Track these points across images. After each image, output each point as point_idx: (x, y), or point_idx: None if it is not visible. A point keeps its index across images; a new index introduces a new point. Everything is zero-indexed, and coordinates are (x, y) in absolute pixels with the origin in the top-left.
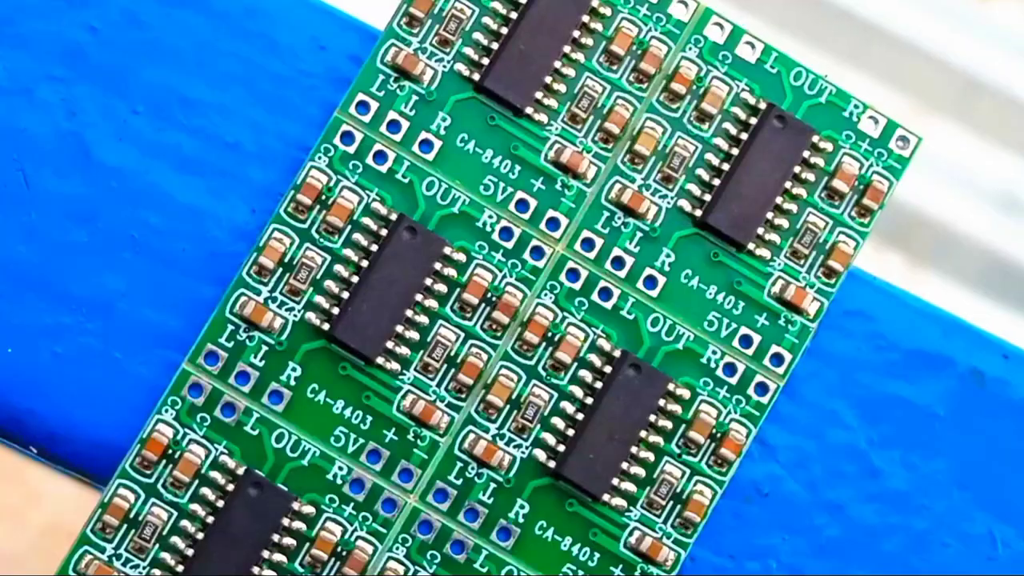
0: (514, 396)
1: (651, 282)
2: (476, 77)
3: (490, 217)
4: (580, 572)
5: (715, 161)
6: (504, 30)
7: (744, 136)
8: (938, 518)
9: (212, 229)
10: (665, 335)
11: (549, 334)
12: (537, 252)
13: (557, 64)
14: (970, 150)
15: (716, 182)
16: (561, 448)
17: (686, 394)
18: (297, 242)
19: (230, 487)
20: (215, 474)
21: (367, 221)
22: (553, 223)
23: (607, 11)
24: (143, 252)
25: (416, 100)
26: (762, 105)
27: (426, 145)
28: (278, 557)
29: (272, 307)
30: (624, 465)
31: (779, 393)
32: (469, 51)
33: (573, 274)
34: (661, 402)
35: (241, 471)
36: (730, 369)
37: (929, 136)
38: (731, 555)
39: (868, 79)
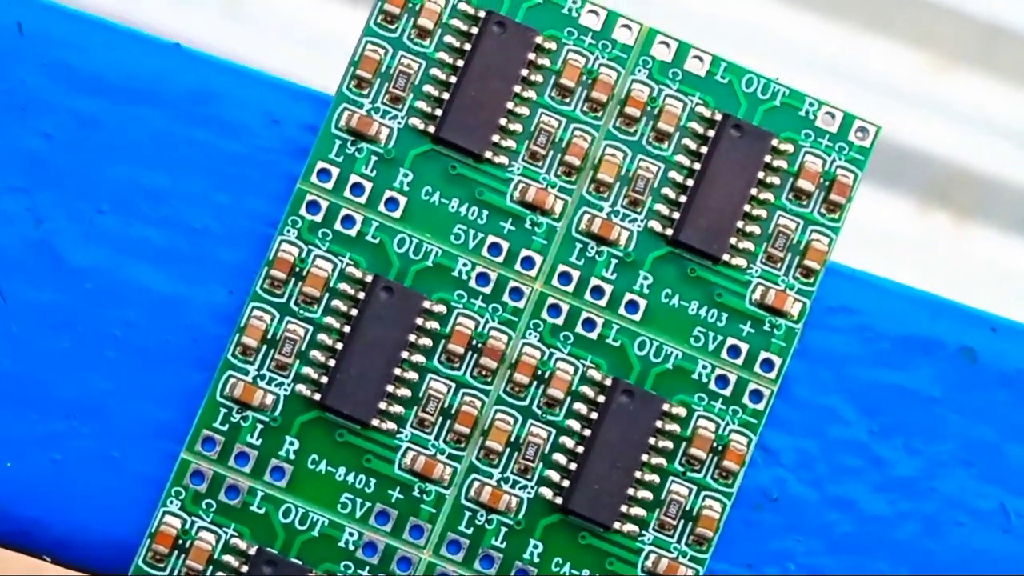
0: (512, 438)
1: (633, 307)
2: (432, 129)
3: (465, 265)
4: None
5: (679, 178)
6: (453, 79)
7: (704, 150)
8: (948, 499)
9: (192, 316)
10: (653, 357)
11: (539, 372)
12: (516, 293)
13: (510, 105)
14: (1000, 98)
15: (683, 199)
16: (566, 483)
17: (682, 412)
18: (277, 317)
19: (244, 568)
20: (228, 557)
21: (343, 286)
22: (528, 262)
23: (552, 45)
24: (127, 349)
25: (376, 160)
26: (718, 117)
27: (392, 203)
28: None
29: (261, 385)
30: (630, 491)
31: (774, 398)
32: (421, 104)
33: (555, 310)
34: (658, 424)
35: (253, 551)
36: (722, 381)
37: (958, 89)
38: (748, 564)
39: (891, 43)
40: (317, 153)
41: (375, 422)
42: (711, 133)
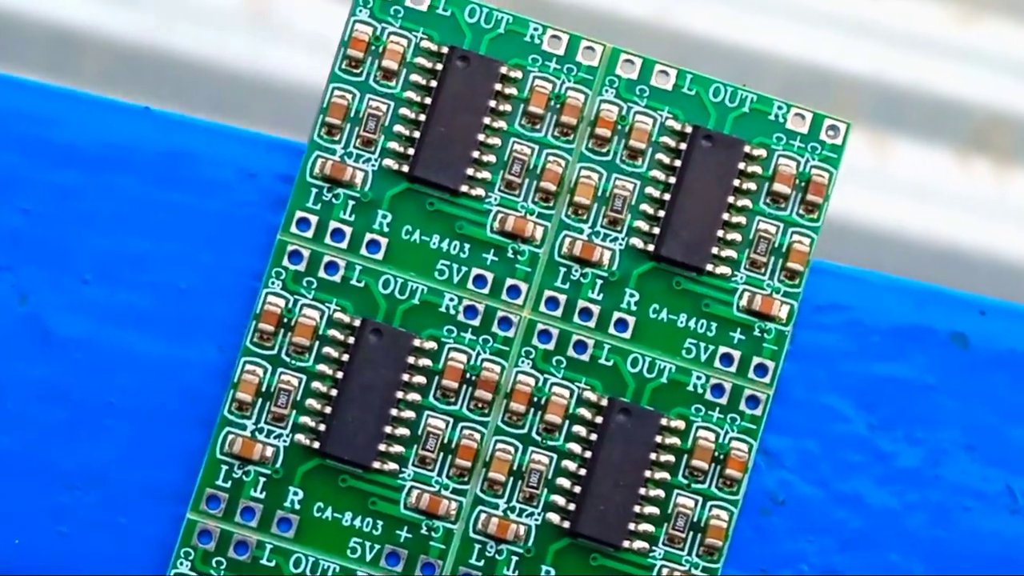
0: (515, 467)
1: (622, 325)
2: (406, 169)
3: (451, 300)
4: None
5: (656, 193)
6: (422, 117)
7: (678, 163)
8: (954, 485)
9: (185, 376)
10: (647, 373)
11: (535, 399)
12: (505, 323)
13: (481, 137)
14: None
15: (661, 214)
16: (572, 507)
17: (681, 425)
18: (270, 369)
19: None
20: None
21: (333, 333)
22: (514, 291)
23: (517, 74)
24: (124, 415)
25: (353, 205)
26: (688, 129)
27: (373, 246)
28: None
29: (260, 438)
30: (637, 508)
31: (771, 402)
32: (393, 145)
33: (545, 335)
34: (658, 439)
35: None
36: (718, 390)
37: (986, 35)
38: (761, 569)
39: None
40: (295, 203)
41: (376, 464)
42: (683, 146)
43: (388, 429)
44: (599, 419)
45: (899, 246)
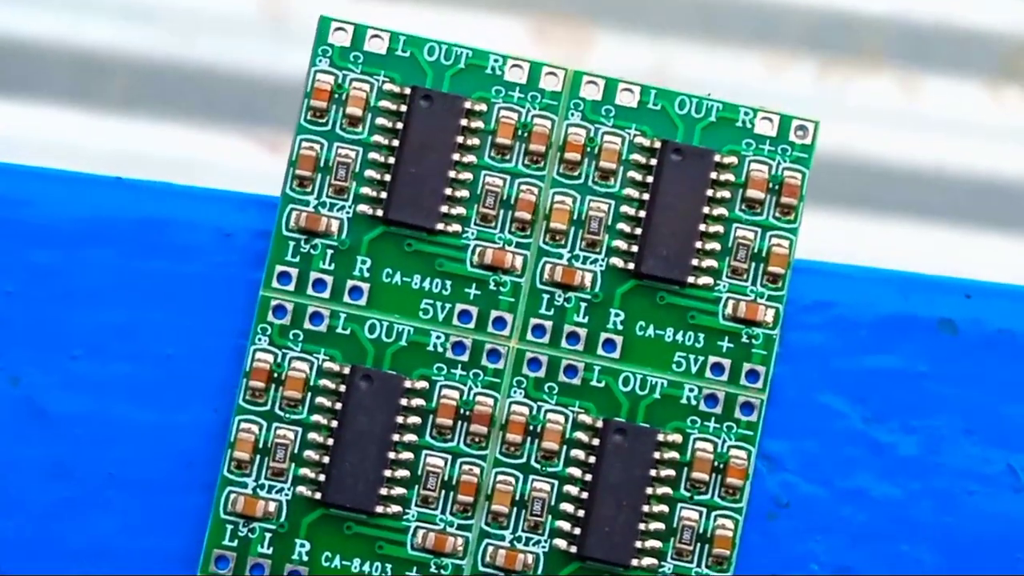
0: (517, 498)
1: (610, 345)
2: (380, 213)
3: (438, 338)
4: None
5: (631, 211)
6: (392, 159)
7: (650, 179)
8: (955, 470)
9: (182, 441)
10: (639, 390)
11: (530, 427)
12: (494, 355)
13: (452, 173)
14: None
15: (639, 231)
16: (577, 531)
17: (678, 439)
18: (265, 426)
19: None
20: None
21: (324, 382)
22: (500, 323)
23: (482, 107)
24: (125, 486)
25: (332, 254)
26: (657, 144)
27: (356, 292)
28: None
29: (262, 495)
30: (642, 526)
31: (766, 406)
32: (366, 190)
33: (535, 363)
34: (656, 455)
35: None
36: (712, 401)
37: None
38: (773, 573)
39: None
40: (273, 258)
41: (379, 509)
42: (654, 162)
43: (388, 472)
44: (596, 441)
45: (939, 185)
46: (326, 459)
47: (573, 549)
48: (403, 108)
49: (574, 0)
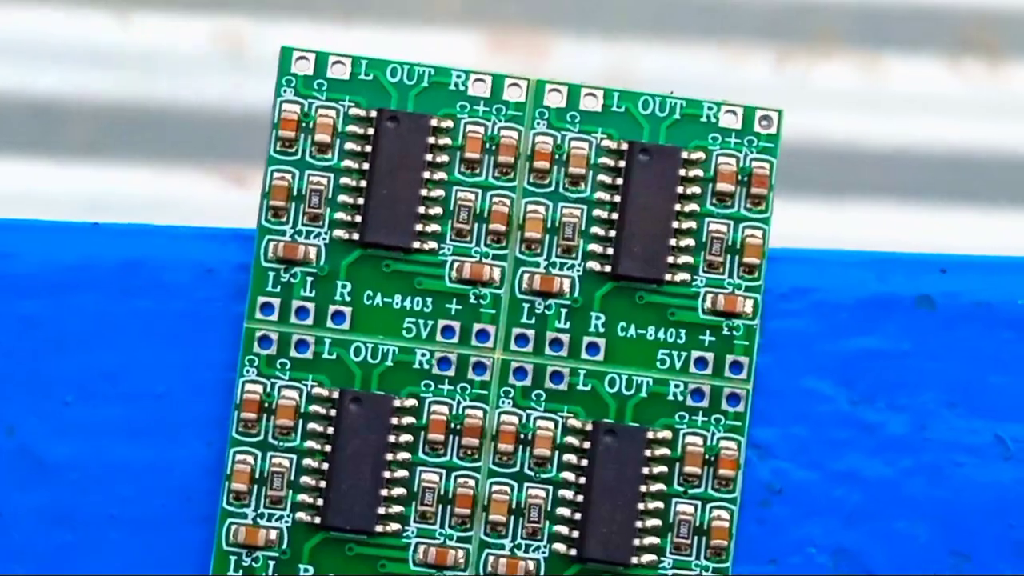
0: (513, 506)
1: (593, 349)
2: (356, 236)
3: (423, 355)
4: None
5: (604, 215)
6: (364, 183)
7: (620, 181)
8: (943, 444)
9: (179, 477)
10: (626, 390)
11: (521, 436)
12: (480, 368)
13: (423, 192)
14: None
15: (612, 233)
16: (576, 534)
17: (668, 435)
18: (260, 455)
19: None
20: None
21: (315, 408)
22: (483, 335)
23: (448, 123)
24: (127, 526)
25: (312, 281)
26: (624, 146)
27: (339, 317)
28: None
29: (262, 524)
30: (638, 524)
31: (752, 396)
32: (341, 215)
33: (521, 372)
34: (647, 452)
35: None
36: (698, 395)
37: None
38: (772, 560)
39: None
40: (255, 289)
41: (379, 528)
42: (622, 163)
43: (384, 491)
44: (587, 444)
45: (907, 163)
46: (323, 483)
47: (573, 552)
48: (370, 131)
49: (527, 9)
